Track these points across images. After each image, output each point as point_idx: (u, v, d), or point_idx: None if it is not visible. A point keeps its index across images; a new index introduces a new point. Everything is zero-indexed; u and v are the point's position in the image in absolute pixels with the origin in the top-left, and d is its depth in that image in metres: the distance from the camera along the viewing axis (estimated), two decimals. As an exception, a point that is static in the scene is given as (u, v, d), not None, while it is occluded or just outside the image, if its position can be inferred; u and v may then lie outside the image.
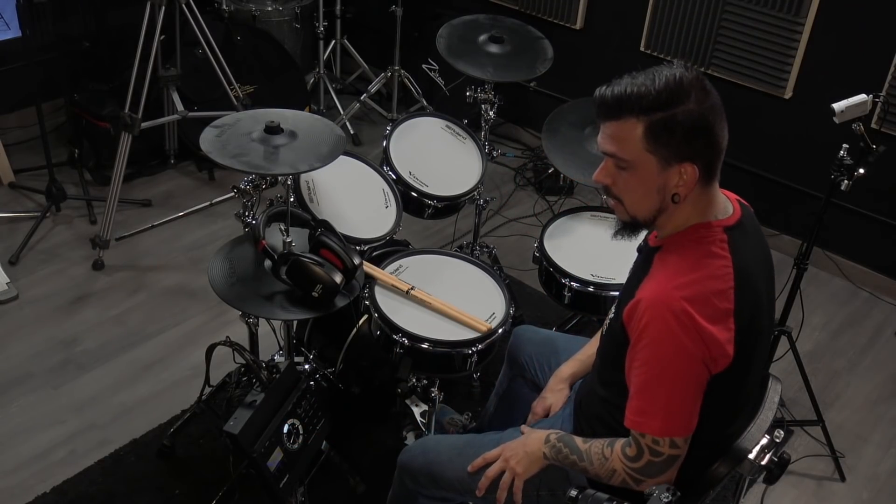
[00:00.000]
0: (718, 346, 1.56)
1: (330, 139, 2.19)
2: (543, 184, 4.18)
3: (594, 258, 2.67)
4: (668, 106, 1.53)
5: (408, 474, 2.03)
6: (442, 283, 2.52)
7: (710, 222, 1.64)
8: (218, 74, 3.57)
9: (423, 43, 4.21)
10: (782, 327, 2.83)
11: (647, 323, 1.58)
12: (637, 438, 1.64)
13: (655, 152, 1.56)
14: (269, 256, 2.19)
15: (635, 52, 3.85)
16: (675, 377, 1.58)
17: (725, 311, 1.56)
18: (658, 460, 1.63)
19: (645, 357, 1.59)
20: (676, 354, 1.56)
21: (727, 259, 1.60)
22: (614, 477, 1.69)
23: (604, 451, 1.71)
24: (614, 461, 1.68)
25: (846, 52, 3.42)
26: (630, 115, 1.55)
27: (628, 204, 1.66)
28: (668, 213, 1.64)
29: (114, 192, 3.42)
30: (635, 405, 1.63)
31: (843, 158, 2.51)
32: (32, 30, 3.49)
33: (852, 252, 3.73)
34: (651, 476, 1.64)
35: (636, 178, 1.60)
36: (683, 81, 1.54)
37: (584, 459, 1.73)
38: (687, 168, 1.57)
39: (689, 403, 1.60)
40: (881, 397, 3.17)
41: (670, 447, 1.61)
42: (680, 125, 1.54)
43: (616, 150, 1.59)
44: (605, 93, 1.59)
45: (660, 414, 1.60)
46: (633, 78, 1.58)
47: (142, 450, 2.68)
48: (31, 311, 3.23)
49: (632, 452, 1.65)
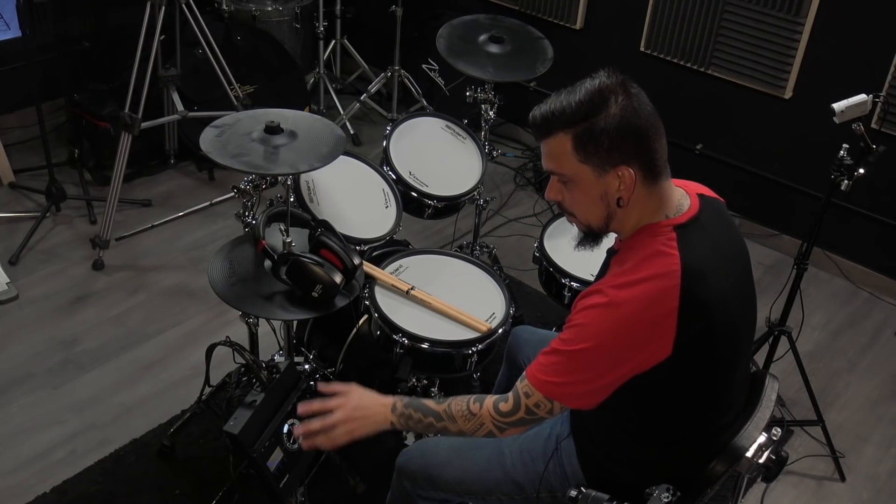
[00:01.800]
0: (651, 342, 1.57)
1: (330, 139, 2.19)
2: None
3: (594, 258, 2.65)
4: (588, 115, 1.58)
5: (406, 476, 2.03)
6: (442, 283, 2.52)
7: (659, 222, 1.65)
8: (218, 74, 3.57)
9: (423, 43, 4.21)
10: (782, 327, 2.84)
11: (588, 306, 1.62)
12: (519, 394, 1.68)
13: (588, 162, 1.60)
14: (269, 256, 2.19)
15: (635, 52, 3.85)
16: (594, 362, 1.61)
17: (667, 310, 1.56)
18: (530, 418, 1.68)
19: (575, 333, 1.63)
20: (603, 346, 1.59)
21: (675, 257, 1.59)
22: (479, 431, 1.73)
23: (469, 407, 1.74)
24: (483, 416, 1.72)
25: (846, 52, 3.42)
26: (558, 131, 1.61)
27: (579, 216, 1.71)
28: (618, 219, 1.67)
29: (114, 192, 3.42)
30: (543, 362, 1.66)
31: (843, 158, 2.51)
32: (32, 30, 3.49)
33: (852, 252, 3.73)
34: (516, 428, 1.71)
35: (579, 190, 1.65)
36: (602, 89, 1.59)
37: (444, 419, 1.76)
38: (623, 171, 1.59)
39: (594, 385, 1.62)
40: (881, 397, 3.17)
41: (547, 412, 1.66)
42: (604, 131, 1.57)
43: (554, 166, 1.65)
44: (535, 114, 1.65)
45: (560, 381, 1.63)
46: (558, 95, 1.63)
47: (142, 450, 2.69)
48: (31, 311, 3.23)
49: (506, 408, 1.70)
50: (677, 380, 1.63)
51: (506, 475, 1.91)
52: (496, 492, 1.92)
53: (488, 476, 1.92)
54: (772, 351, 2.89)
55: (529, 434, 1.96)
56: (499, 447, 1.95)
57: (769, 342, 2.88)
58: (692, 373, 1.63)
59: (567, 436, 1.89)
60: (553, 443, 1.90)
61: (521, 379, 1.70)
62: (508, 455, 1.93)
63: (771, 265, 3.75)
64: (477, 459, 1.95)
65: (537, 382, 1.66)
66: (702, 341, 1.60)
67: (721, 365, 1.68)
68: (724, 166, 3.81)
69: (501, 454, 1.93)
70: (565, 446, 1.88)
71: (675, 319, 1.56)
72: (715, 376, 1.69)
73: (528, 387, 1.67)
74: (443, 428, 1.77)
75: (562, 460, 1.87)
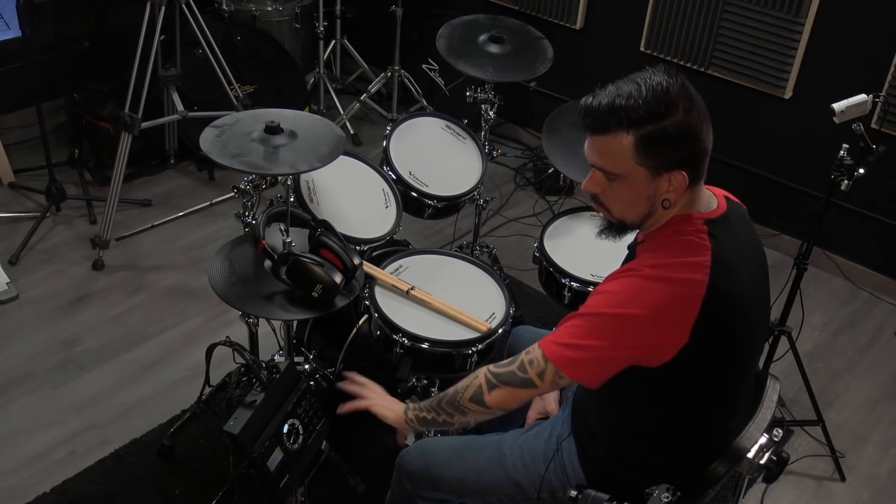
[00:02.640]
0: (672, 325, 1.57)
1: (330, 139, 2.19)
2: (543, 184, 4.18)
3: (594, 258, 2.67)
4: (657, 118, 1.53)
5: (406, 476, 2.03)
6: (442, 283, 2.52)
7: (690, 214, 1.65)
8: (218, 74, 3.57)
9: (423, 43, 4.21)
10: (782, 327, 2.83)
11: (613, 278, 1.63)
12: (520, 354, 1.70)
13: (645, 164, 1.57)
14: (269, 256, 2.19)
15: (635, 52, 3.85)
16: (607, 327, 1.60)
17: (693, 296, 1.56)
18: (520, 376, 1.68)
19: (595, 300, 1.63)
20: (619, 311, 1.59)
21: (706, 248, 1.60)
22: (471, 387, 1.76)
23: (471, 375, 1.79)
24: (479, 371, 1.76)
25: (846, 52, 3.42)
26: (619, 129, 1.55)
27: (617, 211, 1.68)
28: (656, 217, 1.66)
29: (114, 192, 3.42)
30: (555, 335, 1.67)
31: (843, 158, 2.51)
32: (32, 30, 3.49)
33: (852, 252, 3.73)
34: (503, 385, 1.71)
35: (626, 189, 1.62)
36: (671, 92, 1.54)
37: (449, 393, 1.80)
38: (676, 176, 1.58)
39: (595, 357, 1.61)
40: (881, 397, 3.17)
41: (538, 375, 1.65)
42: (670, 137, 1.54)
43: (605, 164, 1.60)
44: (593, 104, 1.58)
45: (563, 342, 1.64)
46: (619, 88, 1.56)
47: (142, 450, 2.68)
48: (31, 311, 3.23)
49: (505, 361, 1.74)
50: (691, 373, 1.62)
51: (506, 476, 1.91)
52: (497, 493, 1.92)
53: (489, 476, 1.92)
54: (772, 351, 2.89)
55: (530, 434, 1.96)
56: (499, 448, 1.94)
57: (769, 342, 2.88)
58: (705, 367, 1.63)
59: (568, 436, 1.89)
60: (554, 443, 1.90)
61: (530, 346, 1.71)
62: (509, 456, 1.92)
63: (771, 265, 3.68)
64: (477, 460, 1.95)
65: (546, 343, 1.65)
66: (718, 334, 1.61)
67: (734, 363, 1.69)
68: (724, 166, 3.81)
69: (502, 455, 1.93)
70: (566, 447, 1.88)
71: (699, 306, 1.56)
72: (727, 374, 1.69)
73: (534, 348, 1.68)
74: (450, 399, 1.80)
75: (563, 461, 1.87)
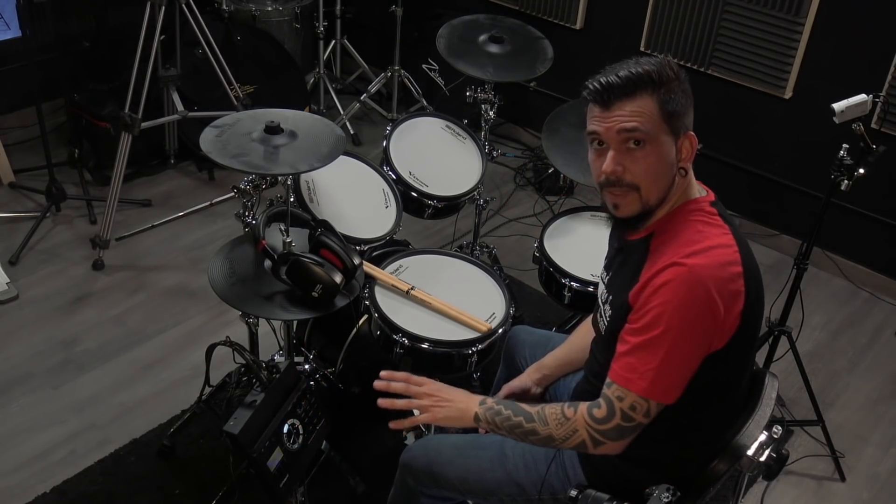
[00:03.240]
0: (729, 312, 1.58)
1: (330, 139, 2.19)
2: (543, 184, 4.18)
3: (594, 258, 2.66)
4: (669, 81, 1.61)
5: (410, 473, 2.03)
6: (442, 283, 2.52)
7: (696, 199, 1.69)
8: (218, 74, 3.57)
9: (423, 43, 4.21)
10: (782, 327, 2.83)
11: (661, 285, 1.59)
12: (611, 399, 1.64)
13: (668, 123, 1.62)
14: (269, 256, 2.19)
15: (635, 52, 3.85)
16: (679, 341, 1.58)
17: (736, 275, 1.58)
18: (627, 425, 1.64)
19: (652, 317, 1.59)
20: (686, 319, 1.57)
21: (724, 227, 1.64)
22: (571, 438, 1.69)
23: (564, 412, 1.70)
24: (577, 422, 1.68)
25: (846, 52, 3.42)
26: (643, 92, 1.60)
27: (645, 186, 1.65)
28: (672, 192, 1.67)
29: (114, 192, 3.42)
30: (627, 362, 1.63)
31: (843, 158, 2.51)
32: (32, 30, 3.49)
33: (852, 252, 3.73)
34: (612, 440, 1.66)
35: (653, 156, 1.62)
36: (663, 61, 1.64)
37: (535, 420, 1.72)
38: (691, 139, 1.65)
39: (682, 371, 1.61)
40: (881, 397, 3.17)
41: (644, 415, 1.63)
42: (682, 97, 1.63)
43: (639, 123, 1.61)
44: (610, 79, 1.62)
45: (651, 374, 1.60)
46: (623, 64, 1.64)
47: (142, 450, 2.68)
48: (31, 311, 3.23)
49: (600, 414, 1.65)
50: (732, 359, 1.64)
51: (508, 476, 1.91)
52: (498, 492, 1.92)
53: (491, 476, 1.92)
54: (772, 351, 2.89)
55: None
56: (502, 448, 1.94)
57: (769, 342, 2.88)
58: (744, 351, 1.66)
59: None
60: (555, 444, 1.90)
61: (606, 385, 1.66)
62: (511, 457, 1.92)
63: (771, 265, 3.75)
64: (480, 459, 1.95)
65: (628, 382, 1.62)
66: (755, 314, 1.63)
67: (754, 350, 1.71)
68: (724, 166, 3.81)
69: (504, 455, 1.93)
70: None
71: (744, 285, 1.58)
72: (749, 361, 1.72)
73: (618, 389, 1.63)
74: (531, 429, 1.72)
75: (563, 462, 1.87)
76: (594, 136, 1.66)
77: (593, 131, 1.65)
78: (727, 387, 1.71)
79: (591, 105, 1.65)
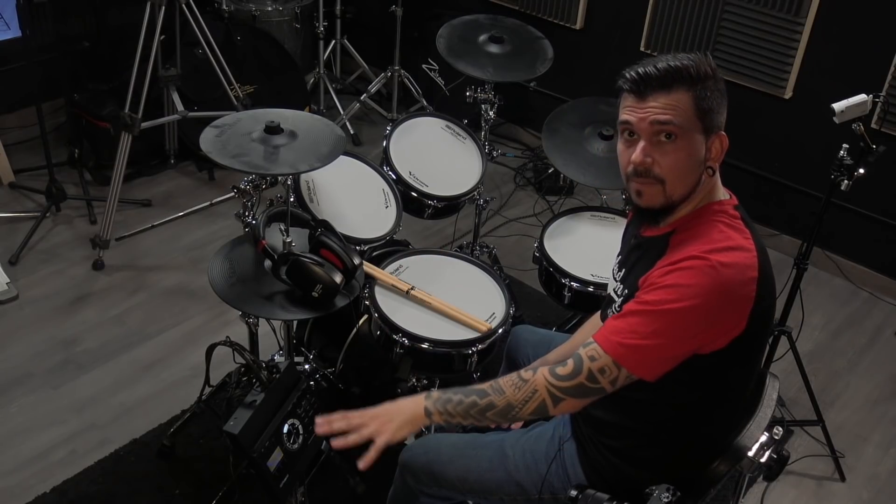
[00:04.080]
0: (736, 314, 1.58)
1: (330, 139, 2.19)
2: (543, 184, 4.18)
3: (594, 258, 2.67)
4: (706, 78, 1.61)
5: (409, 473, 2.03)
6: (442, 283, 2.52)
7: (721, 201, 1.70)
8: (218, 74, 3.57)
9: (423, 43, 4.21)
10: (782, 327, 2.83)
11: (677, 268, 1.58)
12: (581, 358, 1.62)
13: (701, 120, 1.62)
14: (269, 256, 2.19)
15: (635, 52, 3.85)
16: (676, 321, 1.57)
17: (750, 279, 1.58)
18: (591, 386, 1.62)
19: (657, 292, 1.58)
20: (691, 304, 1.55)
21: (746, 232, 1.65)
22: (530, 401, 1.65)
23: (521, 375, 1.68)
24: (537, 382, 1.65)
25: (846, 52, 3.42)
26: (679, 86, 1.60)
27: (671, 180, 1.65)
28: (698, 190, 1.67)
29: (114, 192, 3.42)
30: (614, 324, 1.62)
31: (843, 158, 2.51)
32: (32, 30, 3.49)
33: (852, 252, 3.73)
34: (573, 397, 1.63)
35: (684, 151, 1.62)
36: (701, 58, 1.63)
37: (489, 394, 1.68)
38: (723, 137, 1.65)
39: (667, 351, 1.59)
40: (881, 397, 3.17)
41: (610, 382, 1.61)
42: (717, 95, 1.62)
43: (672, 116, 1.60)
44: (648, 70, 1.62)
45: (633, 341, 1.59)
46: (661, 58, 1.63)
47: (142, 450, 2.68)
48: (31, 311, 3.23)
49: (565, 371, 1.63)
50: (737, 361, 1.64)
51: (508, 476, 1.91)
52: (499, 492, 1.91)
53: (491, 476, 1.92)
54: (772, 351, 2.89)
55: (532, 435, 1.96)
56: (502, 448, 1.94)
57: (769, 342, 2.88)
58: (750, 354, 1.66)
59: (570, 437, 1.89)
60: (556, 444, 1.90)
61: (584, 346, 1.64)
62: (511, 456, 1.92)
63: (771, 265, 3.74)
64: (480, 459, 1.95)
65: (610, 344, 1.60)
66: (764, 320, 1.63)
67: (762, 353, 1.72)
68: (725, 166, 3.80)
69: (504, 455, 1.93)
70: (567, 447, 1.88)
71: (755, 291, 1.58)
72: (756, 365, 1.72)
73: (595, 349, 1.61)
74: (487, 404, 1.67)
75: (564, 462, 1.87)
76: (626, 127, 1.65)
77: (626, 121, 1.64)
78: (731, 390, 1.71)
79: (626, 95, 1.64)
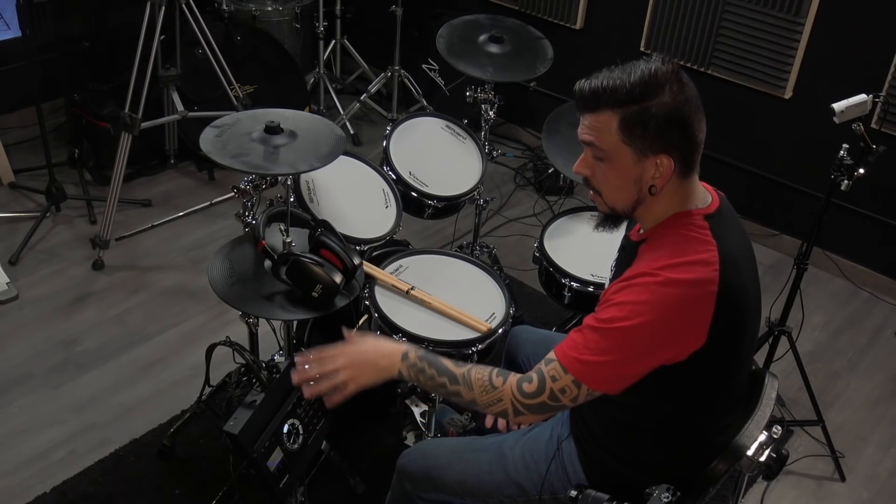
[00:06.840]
0: (691, 329, 1.57)
1: (330, 139, 2.19)
2: (543, 184, 4.18)
3: (594, 258, 2.67)
4: (642, 99, 1.56)
5: (407, 477, 2.03)
6: (442, 283, 2.52)
7: (690, 210, 1.66)
8: (218, 74, 3.57)
9: (423, 43, 4.21)
10: (782, 327, 2.84)
11: (629, 285, 1.59)
12: (544, 377, 1.63)
13: (631, 144, 1.59)
14: (269, 256, 2.19)
15: (635, 52, 3.85)
16: (629, 339, 1.57)
17: (707, 294, 1.56)
18: (552, 404, 1.64)
19: (612, 310, 1.59)
20: (639, 321, 1.56)
21: (711, 244, 1.61)
22: (493, 406, 1.68)
23: (492, 380, 1.69)
24: (504, 392, 1.67)
25: (846, 52, 3.42)
26: (606, 108, 1.59)
27: (606, 195, 1.69)
28: (646, 205, 1.66)
29: (114, 192, 3.42)
30: (573, 338, 1.63)
31: (843, 158, 2.51)
32: (32, 30, 3.49)
33: (852, 252, 3.73)
34: (534, 414, 1.66)
35: (613, 169, 1.63)
36: (658, 74, 1.57)
37: (459, 383, 1.71)
38: (663, 160, 1.59)
39: (625, 368, 1.59)
40: (881, 397, 3.17)
41: (571, 400, 1.62)
42: (654, 117, 1.56)
43: (594, 139, 1.62)
44: (584, 86, 1.62)
45: (591, 359, 1.59)
46: (611, 71, 1.61)
47: (142, 450, 2.68)
48: (31, 311, 3.23)
49: (530, 389, 1.65)
50: (703, 372, 1.62)
51: (508, 477, 1.90)
52: (498, 494, 1.91)
53: (490, 478, 1.92)
54: (772, 351, 2.89)
55: (531, 435, 1.96)
56: (500, 449, 1.94)
57: (769, 342, 2.88)
58: (714, 365, 1.63)
59: (567, 436, 1.89)
60: (555, 443, 1.90)
61: (546, 361, 1.65)
62: (510, 457, 1.92)
63: (771, 265, 3.75)
64: (478, 462, 1.94)
65: (569, 361, 1.61)
66: (731, 332, 1.61)
67: (740, 359, 1.70)
68: (724, 166, 3.81)
69: (503, 456, 1.93)
70: (566, 447, 1.88)
71: (714, 305, 1.56)
72: (734, 370, 1.70)
73: (556, 369, 1.62)
74: (454, 392, 1.71)
75: (563, 461, 1.87)
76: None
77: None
78: (709, 396, 1.70)
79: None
